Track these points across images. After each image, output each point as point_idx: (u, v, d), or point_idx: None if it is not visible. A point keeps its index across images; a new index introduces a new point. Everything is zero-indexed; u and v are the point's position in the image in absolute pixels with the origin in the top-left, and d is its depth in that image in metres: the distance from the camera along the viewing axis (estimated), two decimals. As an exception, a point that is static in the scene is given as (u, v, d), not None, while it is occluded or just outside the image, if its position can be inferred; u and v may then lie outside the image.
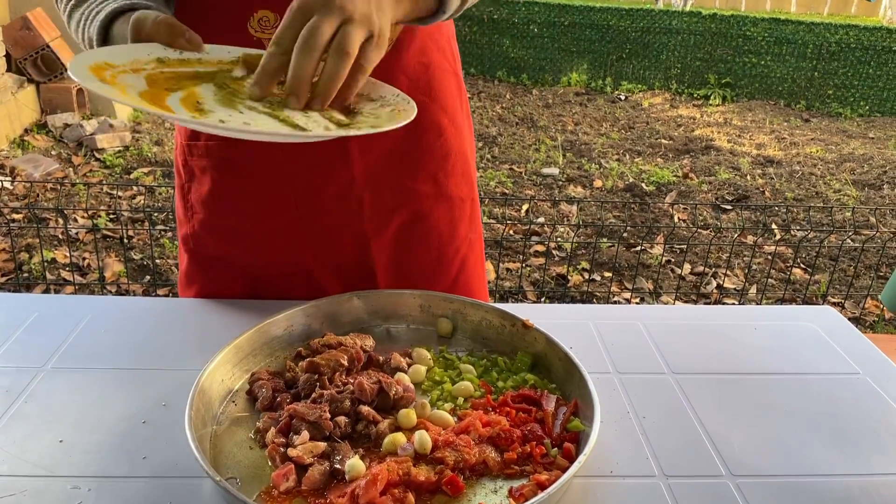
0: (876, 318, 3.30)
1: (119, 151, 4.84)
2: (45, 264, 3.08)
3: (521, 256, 3.59)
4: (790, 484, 0.79)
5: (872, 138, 6.35)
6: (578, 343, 1.04)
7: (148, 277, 3.12)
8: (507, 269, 3.42)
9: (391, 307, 1.04)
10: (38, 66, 5.08)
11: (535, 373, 0.94)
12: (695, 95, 7.51)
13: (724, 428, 0.88)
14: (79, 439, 0.81)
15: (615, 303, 3.19)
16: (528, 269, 3.46)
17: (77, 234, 3.43)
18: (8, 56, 4.88)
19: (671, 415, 0.91)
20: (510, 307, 1.03)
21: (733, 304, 3.32)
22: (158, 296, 3.00)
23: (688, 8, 8.13)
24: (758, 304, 3.32)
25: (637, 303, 3.24)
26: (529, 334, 0.98)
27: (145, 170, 4.58)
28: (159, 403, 0.88)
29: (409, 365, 0.94)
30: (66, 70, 5.13)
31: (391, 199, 1.11)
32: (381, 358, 0.94)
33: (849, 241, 3.97)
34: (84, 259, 3.23)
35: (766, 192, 4.78)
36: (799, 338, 1.09)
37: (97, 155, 4.76)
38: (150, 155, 4.84)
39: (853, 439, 0.87)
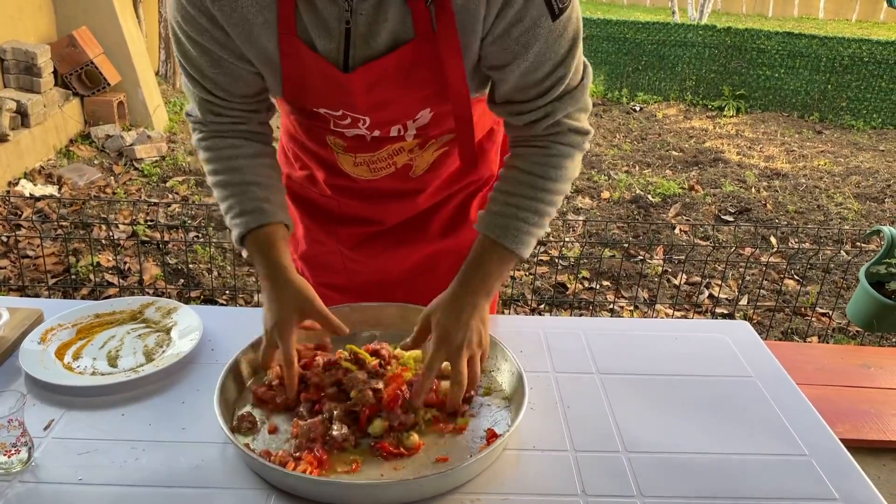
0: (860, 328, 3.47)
1: (156, 161, 5.19)
2: (92, 267, 3.40)
3: (526, 265, 3.83)
4: (669, 458, 1.04)
5: (882, 151, 6.46)
6: (528, 348, 1.29)
7: (182, 281, 3.43)
8: (511, 277, 3.66)
9: (376, 317, 1.30)
10: (83, 80, 5.46)
11: (486, 369, 1.20)
12: (709, 107, 7.67)
13: (629, 416, 1.13)
14: (135, 414, 1.09)
15: (611, 310, 3.42)
16: (531, 276, 3.70)
17: (119, 239, 3.76)
18: (55, 71, 5.25)
19: (590, 405, 1.15)
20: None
21: (723, 312, 3.52)
22: (191, 298, 3.30)
23: (703, 21, 8.28)
24: (746, 313, 3.52)
25: (631, 310, 3.47)
26: (486, 339, 1.23)
27: (180, 178, 4.92)
28: (194, 389, 1.15)
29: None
30: (108, 84, 5.50)
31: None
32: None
33: (843, 253, 4.14)
34: (125, 263, 3.55)
35: (768, 205, 4.95)
36: (710, 347, 1.33)
37: (136, 164, 5.11)
38: (184, 164, 5.18)
39: (730, 426, 1.11)
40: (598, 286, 3.61)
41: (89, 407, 1.10)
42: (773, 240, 4.36)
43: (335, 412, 1.02)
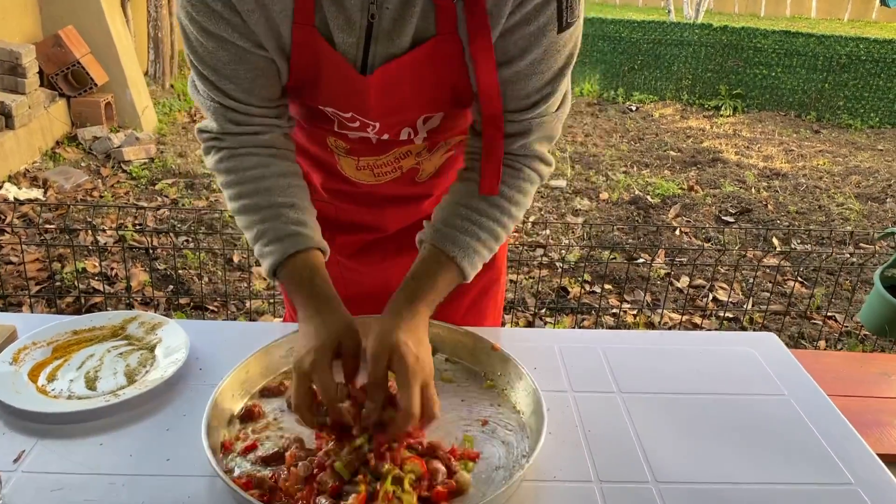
0: (868, 332, 3.39)
1: (144, 163, 5.07)
2: (77, 274, 3.29)
3: (525, 268, 3.74)
4: (704, 490, 0.94)
5: (881, 150, 6.40)
6: (542, 364, 1.20)
7: (171, 287, 3.32)
8: (511, 281, 3.57)
9: (378, 331, 1.20)
10: (69, 81, 5.33)
11: (499, 389, 1.10)
12: (706, 106, 7.60)
13: (656, 440, 1.03)
14: (115, 443, 0.99)
15: (613, 314, 3.33)
16: (531, 280, 3.60)
17: (105, 244, 3.64)
18: (40, 72, 5.12)
19: (613, 428, 1.06)
20: (485, 331, 1.19)
21: (728, 316, 3.44)
22: (181, 305, 3.19)
23: (699, 20, 8.22)
24: (752, 317, 3.44)
25: (634, 314, 3.38)
26: (497, 355, 1.14)
27: (169, 181, 4.80)
28: (180, 415, 1.05)
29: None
30: (95, 85, 5.37)
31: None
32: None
33: (847, 255, 4.07)
34: (112, 269, 3.44)
35: (769, 206, 4.88)
36: (737, 361, 1.24)
37: (124, 167, 4.99)
38: (174, 166, 5.06)
39: (767, 452, 1.02)
40: (600, 290, 3.52)
41: (64, 435, 1.00)
42: (775, 241, 4.29)
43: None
